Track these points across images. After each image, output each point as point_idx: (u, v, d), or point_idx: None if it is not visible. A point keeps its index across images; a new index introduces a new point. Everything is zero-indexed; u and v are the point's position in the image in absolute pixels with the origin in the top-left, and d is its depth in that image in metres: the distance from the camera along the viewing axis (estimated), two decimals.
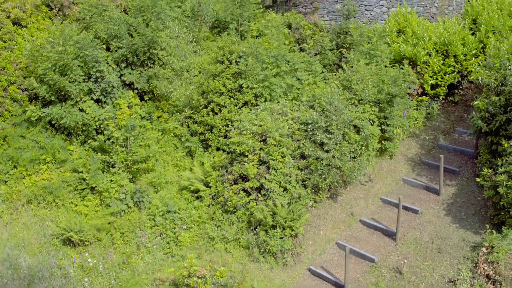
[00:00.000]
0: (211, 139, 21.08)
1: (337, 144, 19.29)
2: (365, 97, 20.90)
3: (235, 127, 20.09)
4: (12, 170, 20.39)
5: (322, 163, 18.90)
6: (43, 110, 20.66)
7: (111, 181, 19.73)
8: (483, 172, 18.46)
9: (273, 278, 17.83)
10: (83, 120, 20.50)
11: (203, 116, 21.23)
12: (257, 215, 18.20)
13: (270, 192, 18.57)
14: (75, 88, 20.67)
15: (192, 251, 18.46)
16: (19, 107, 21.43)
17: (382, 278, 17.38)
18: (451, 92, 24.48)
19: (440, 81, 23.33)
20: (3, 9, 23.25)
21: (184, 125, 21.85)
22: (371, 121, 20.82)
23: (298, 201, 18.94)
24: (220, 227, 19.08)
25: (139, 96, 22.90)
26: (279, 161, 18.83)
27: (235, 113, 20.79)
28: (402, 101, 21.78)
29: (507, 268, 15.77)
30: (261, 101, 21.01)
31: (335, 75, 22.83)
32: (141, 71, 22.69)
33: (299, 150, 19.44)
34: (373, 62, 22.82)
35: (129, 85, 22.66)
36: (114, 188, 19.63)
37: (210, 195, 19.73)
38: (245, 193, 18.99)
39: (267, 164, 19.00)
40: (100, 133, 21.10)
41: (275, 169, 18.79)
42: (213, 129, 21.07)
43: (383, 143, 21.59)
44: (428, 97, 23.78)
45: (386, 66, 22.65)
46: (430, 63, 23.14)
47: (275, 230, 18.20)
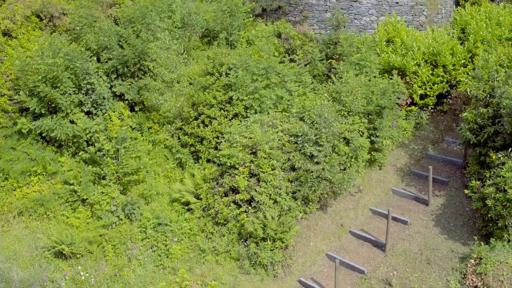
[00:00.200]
0: (201, 150, 21.13)
1: (326, 156, 19.37)
2: (355, 108, 21.00)
3: (225, 139, 20.17)
4: (3, 182, 20.35)
5: (312, 175, 19.00)
6: (34, 123, 20.64)
7: (102, 193, 19.79)
8: (471, 183, 18.57)
9: None
10: (73, 132, 20.50)
11: (193, 128, 21.29)
12: (247, 227, 18.28)
13: (261, 205, 18.65)
14: (66, 100, 20.66)
15: (183, 263, 18.53)
16: (9, 118, 21.40)
17: None
18: (440, 101, 24.66)
19: (429, 91, 23.48)
20: None
21: (174, 137, 21.88)
22: (360, 133, 20.92)
23: (288, 213, 19.01)
24: (211, 239, 19.13)
25: (129, 107, 22.92)
26: (269, 173, 18.92)
27: (226, 125, 20.84)
28: (391, 112, 21.88)
29: (495, 279, 15.92)
30: (251, 113, 21.07)
31: (324, 86, 22.93)
32: (131, 82, 22.71)
33: (289, 162, 19.52)
34: (363, 72, 22.91)
35: (120, 96, 22.68)
36: (105, 200, 19.69)
37: (200, 207, 19.77)
38: (235, 205, 19.04)
39: (258, 177, 19.08)
40: (91, 144, 21.09)
41: (265, 182, 18.87)
42: (203, 141, 21.12)
43: (372, 154, 21.68)
44: (417, 107, 23.91)
45: (375, 77, 22.78)
46: (419, 73, 23.26)
47: (265, 242, 18.25)
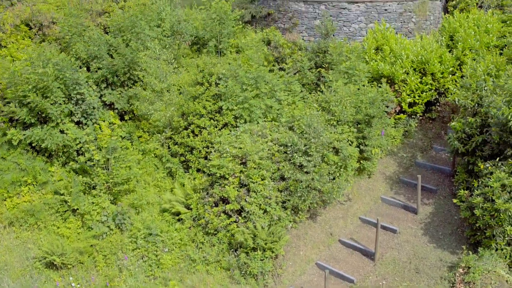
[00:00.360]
0: (191, 160, 21.20)
1: (316, 166, 19.47)
2: (344, 118, 21.10)
3: (215, 149, 20.25)
4: None
5: (302, 185, 19.08)
6: (24, 133, 20.56)
7: (93, 203, 19.81)
8: (459, 192, 18.73)
9: None
10: (64, 142, 20.49)
11: (183, 138, 21.36)
12: (238, 237, 18.38)
13: (251, 215, 18.75)
14: (56, 110, 20.65)
15: (174, 273, 18.62)
16: None
17: None
18: (428, 108, 24.80)
19: (418, 99, 23.61)
20: None
21: (164, 146, 21.92)
22: (349, 142, 21.03)
23: (278, 222, 19.11)
24: (201, 249, 19.21)
25: (119, 116, 22.90)
26: (259, 183, 19.02)
27: (215, 135, 20.91)
28: (380, 120, 22.00)
29: None
30: (240, 123, 21.15)
31: (314, 95, 23.01)
32: (121, 91, 22.66)
33: (279, 172, 19.62)
34: (352, 81, 23.01)
35: (110, 105, 22.66)
36: (96, 210, 19.72)
37: (191, 217, 19.85)
38: (226, 216, 19.13)
39: (248, 187, 19.18)
40: (81, 154, 21.06)
41: (255, 192, 18.97)
42: (193, 151, 21.18)
43: (361, 162, 21.79)
44: (406, 114, 24.04)
45: (364, 85, 22.88)
46: (408, 81, 23.38)
47: (255, 252, 18.36)
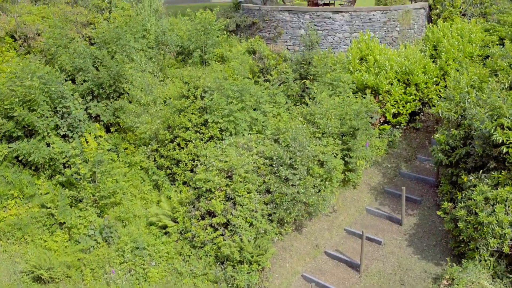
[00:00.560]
0: (177, 173, 21.28)
1: (301, 179, 19.63)
2: (329, 130, 21.25)
3: (201, 162, 20.34)
4: None
5: (287, 198, 19.23)
6: (10, 146, 20.56)
7: (80, 216, 19.86)
8: (443, 204, 18.88)
9: None
10: (50, 155, 20.51)
11: (169, 151, 21.43)
12: (224, 251, 18.48)
13: (237, 228, 18.86)
14: (43, 123, 20.68)
15: (162, 287, 18.69)
16: None
17: None
18: (412, 118, 25.04)
19: (402, 109, 23.82)
20: None
21: (150, 158, 21.99)
22: (334, 154, 21.18)
23: (265, 235, 19.24)
24: (188, 262, 19.30)
25: (105, 128, 22.94)
26: (245, 197, 19.13)
27: (201, 148, 21.00)
28: (365, 132, 22.17)
29: None
30: (226, 135, 21.25)
31: (299, 107, 23.14)
32: (107, 104, 22.69)
33: (265, 185, 19.76)
34: (336, 93, 23.17)
35: (95, 117, 22.69)
36: (83, 224, 19.78)
37: (178, 230, 19.94)
38: (212, 229, 19.24)
39: (234, 200, 19.29)
40: (68, 166, 21.08)
41: (241, 205, 19.09)
42: (179, 164, 21.26)
43: (346, 174, 21.95)
44: (390, 125, 24.27)
45: (348, 96, 23.05)
46: (392, 92, 23.58)
47: (242, 265, 18.46)
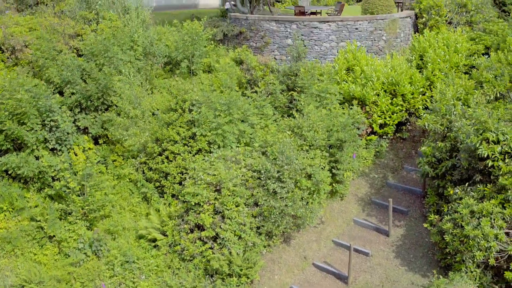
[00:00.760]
0: (166, 186, 21.33)
1: (289, 192, 19.76)
2: (316, 143, 21.39)
3: (189, 176, 20.41)
4: None
5: (275, 212, 19.35)
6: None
7: (69, 229, 19.87)
8: (430, 217, 19.06)
9: None
10: (39, 169, 20.50)
11: (157, 163, 21.48)
12: (214, 264, 18.56)
13: (226, 241, 18.96)
14: (32, 136, 20.68)
15: None
16: None
17: None
18: (399, 128, 25.24)
19: (389, 120, 24.01)
20: None
21: (139, 171, 22.02)
22: (322, 166, 21.30)
23: (253, 248, 19.34)
24: (177, 275, 19.34)
25: (93, 140, 22.90)
26: (233, 210, 19.24)
27: (189, 161, 21.05)
28: (352, 143, 22.32)
29: None
30: (214, 148, 21.32)
31: (286, 120, 23.21)
32: (95, 116, 22.67)
33: (253, 198, 19.88)
34: (323, 104, 23.29)
35: (84, 129, 22.67)
36: (72, 237, 19.80)
37: (167, 243, 19.99)
38: (201, 242, 19.30)
39: (222, 214, 19.38)
40: (57, 179, 21.07)
41: (230, 218, 19.19)
42: (168, 176, 21.31)
43: (334, 185, 22.10)
44: (377, 135, 24.44)
45: (335, 108, 23.19)
46: (379, 103, 23.76)
47: (231, 278, 18.58)
